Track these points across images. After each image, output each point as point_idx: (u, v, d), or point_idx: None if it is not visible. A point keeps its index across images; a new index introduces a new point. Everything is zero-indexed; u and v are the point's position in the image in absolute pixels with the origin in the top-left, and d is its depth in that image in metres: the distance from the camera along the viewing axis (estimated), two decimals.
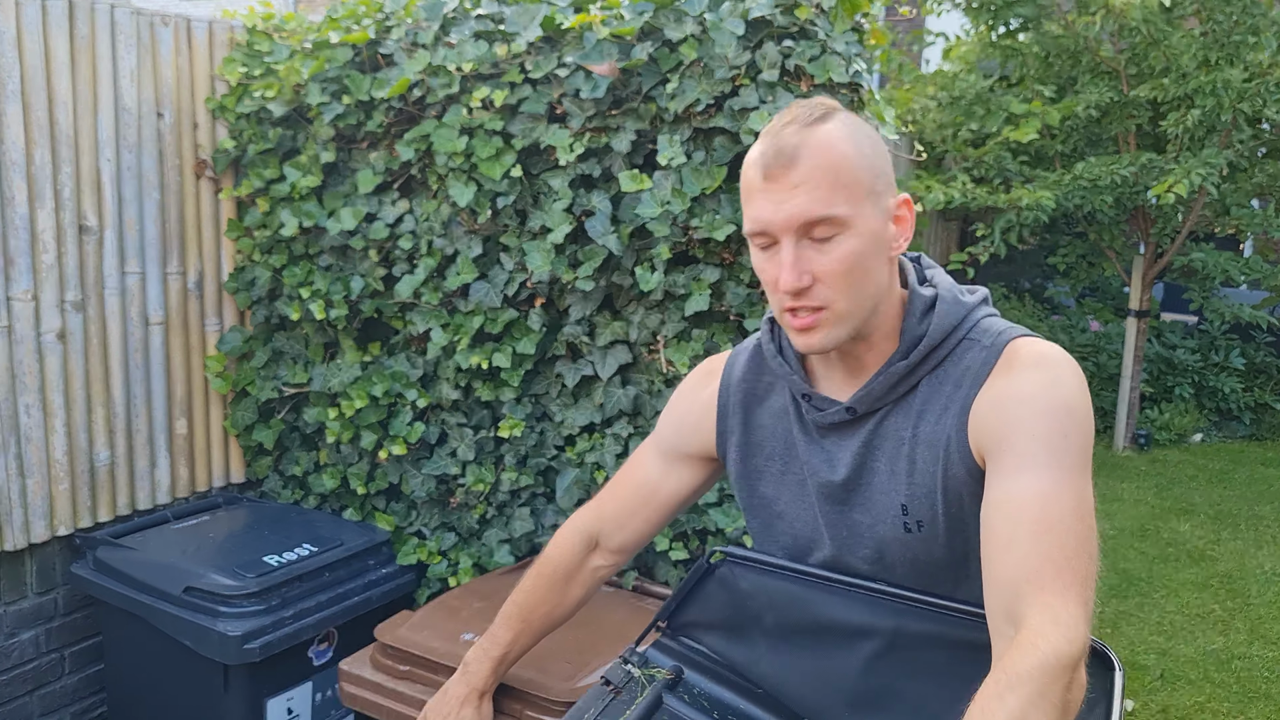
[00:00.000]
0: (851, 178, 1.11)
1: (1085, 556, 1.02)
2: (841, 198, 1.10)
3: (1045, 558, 1.01)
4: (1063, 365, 1.11)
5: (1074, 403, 1.09)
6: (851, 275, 1.12)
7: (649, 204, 2.14)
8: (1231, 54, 5.10)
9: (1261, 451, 6.33)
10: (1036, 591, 0.99)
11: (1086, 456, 1.08)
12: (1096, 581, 1.03)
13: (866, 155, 1.12)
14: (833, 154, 1.10)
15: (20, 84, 2.26)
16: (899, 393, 1.18)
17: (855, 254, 1.11)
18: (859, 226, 1.11)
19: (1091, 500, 1.06)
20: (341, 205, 2.56)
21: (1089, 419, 1.10)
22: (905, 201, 1.15)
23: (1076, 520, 1.03)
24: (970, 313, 1.18)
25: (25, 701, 2.45)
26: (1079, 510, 1.04)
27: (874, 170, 1.13)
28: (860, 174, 1.11)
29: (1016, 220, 5.29)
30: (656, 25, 2.14)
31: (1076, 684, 0.97)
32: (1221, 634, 3.77)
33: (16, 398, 2.32)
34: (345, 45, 2.48)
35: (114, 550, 2.35)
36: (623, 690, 1.27)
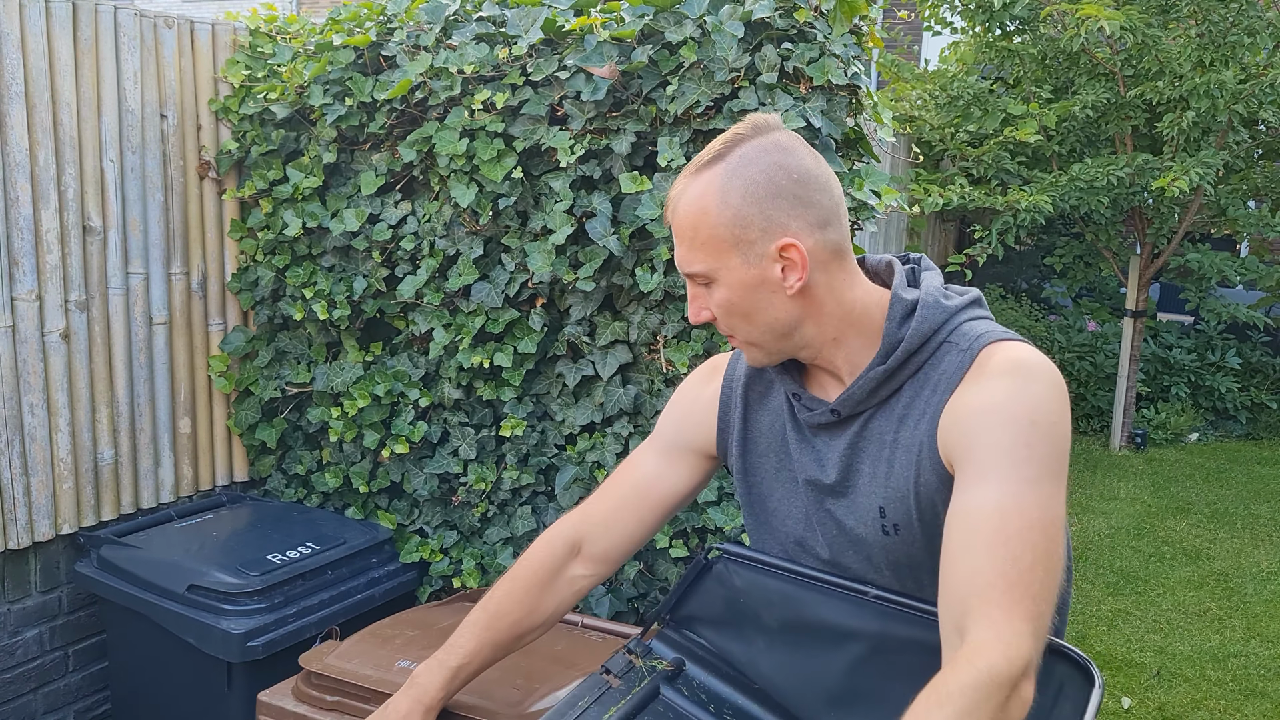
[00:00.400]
0: (709, 234, 1.14)
1: (1041, 571, 1.00)
2: (700, 256, 1.15)
3: (997, 572, 0.99)
4: (1034, 372, 1.09)
5: (1040, 412, 1.06)
6: (732, 316, 1.18)
7: (649, 205, 2.16)
8: (1227, 55, 5.12)
9: (1257, 450, 6.36)
10: (983, 605, 0.99)
11: (1053, 467, 1.06)
12: (1066, 593, 1.02)
13: (733, 206, 1.13)
14: (693, 211, 1.15)
15: (24, 85, 2.27)
16: (881, 396, 1.18)
17: (728, 301, 1.17)
18: (724, 278, 1.15)
19: (1057, 512, 1.04)
20: (344, 206, 2.58)
21: (1058, 428, 1.07)
22: (786, 246, 1.12)
23: (1036, 533, 1.01)
24: (952, 316, 1.16)
25: (29, 699, 2.47)
26: (1040, 523, 1.02)
27: (740, 221, 1.12)
28: (719, 230, 1.13)
29: (1014, 222, 5.32)
30: (656, 28, 2.16)
31: (1017, 702, 0.96)
32: (1218, 632, 3.80)
33: (21, 397, 2.34)
34: (347, 47, 2.50)
35: (118, 549, 2.36)
36: (621, 679, 1.28)
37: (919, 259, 1.26)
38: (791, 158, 1.14)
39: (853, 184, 2.13)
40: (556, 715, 1.23)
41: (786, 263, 1.14)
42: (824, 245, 1.15)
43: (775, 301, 1.16)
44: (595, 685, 1.28)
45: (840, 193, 1.18)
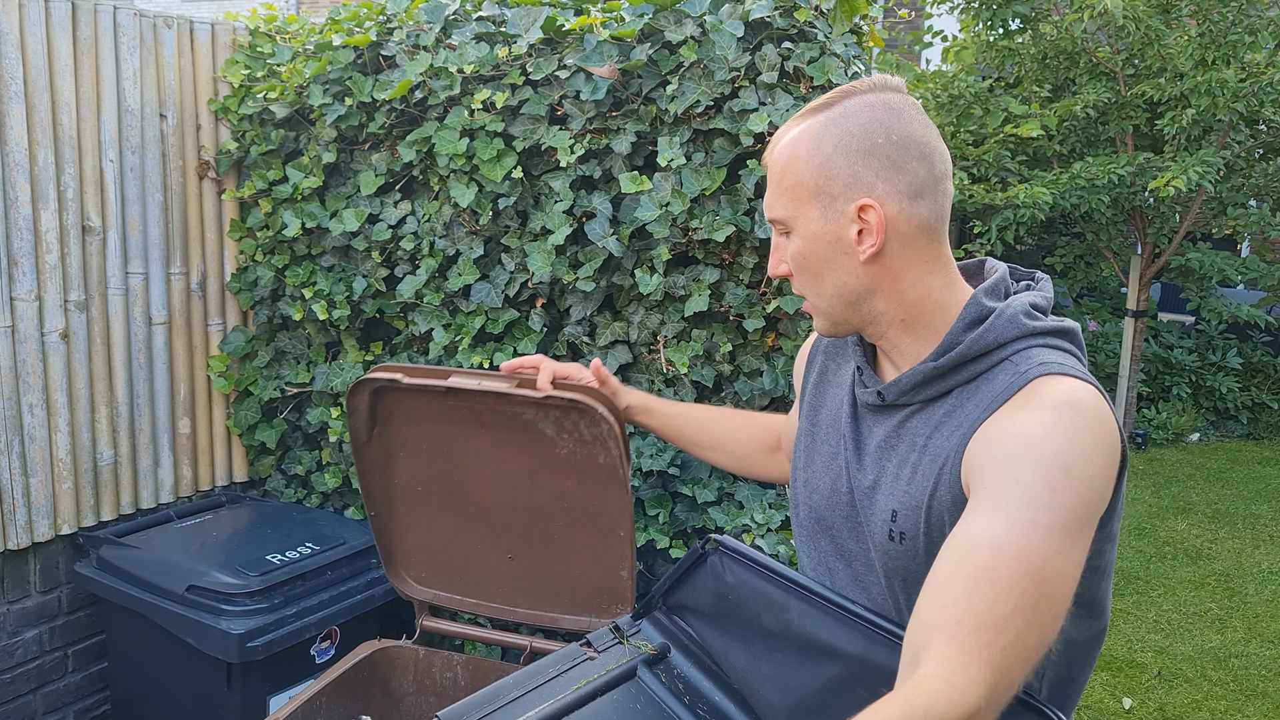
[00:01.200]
0: (794, 180, 1.10)
1: (1022, 622, 0.91)
2: (782, 201, 1.12)
3: (970, 610, 0.91)
4: (1085, 416, 1.00)
5: (1078, 459, 0.98)
6: (804, 274, 1.14)
7: (649, 205, 2.15)
8: (1228, 54, 5.12)
9: (1259, 450, 6.35)
10: (944, 641, 0.91)
11: (1075, 521, 0.96)
12: (1046, 653, 0.94)
13: (823, 155, 1.09)
14: (785, 155, 1.11)
15: (23, 85, 2.27)
16: (926, 394, 1.12)
17: (800, 255, 1.13)
18: (800, 228, 1.11)
19: (1063, 569, 0.95)
20: (344, 206, 2.57)
21: (1095, 482, 0.98)
22: (865, 207, 1.07)
23: (1029, 582, 0.92)
24: (1026, 336, 1.08)
25: (29, 699, 2.47)
26: (1038, 573, 0.93)
27: (826, 172, 1.09)
28: (804, 176, 1.10)
29: (1014, 218, 5.31)
30: (656, 27, 2.15)
31: None
32: (1219, 632, 3.79)
33: (20, 397, 2.34)
34: (347, 47, 2.50)
35: (117, 549, 2.36)
36: (600, 654, 1.26)
37: (1033, 274, 1.20)
38: (897, 119, 1.09)
39: None
40: (523, 676, 1.21)
41: (863, 225, 1.08)
42: (910, 217, 1.08)
43: (846, 265, 1.11)
44: (571, 655, 1.26)
45: (945, 169, 1.11)
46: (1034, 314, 1.10)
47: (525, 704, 1.19)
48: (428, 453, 1.96)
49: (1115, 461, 1.02)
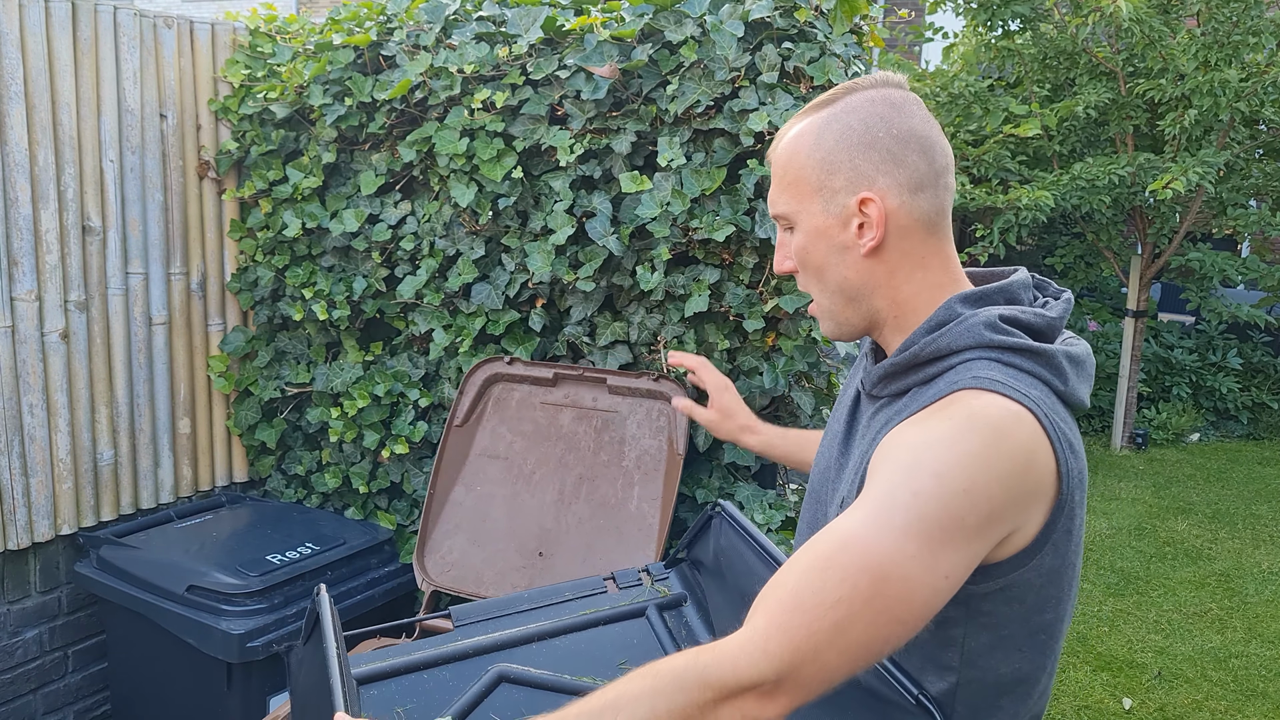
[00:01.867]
0: (797, 174, 1.11)
1: (844, 614, 0.89)
2: (785, 196, 1.13)
3: (795, 590, 0.91)
4: (984, 433, 0.96)
5: (953, 469, 0.93)
6: (807, 270, 1.14)
7: (649, 205, 2.15)
8: (1230, 54, 5.12)
9: (1259, 450, 6.35)
10: (761, 613, 0.92)
11: (942, 530, 0.92)
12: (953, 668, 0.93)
13: (824, 149, 1.09)
14: (788, 150, 1.12)
15: (24, 85, 2.27)
16: (890, 390, 1.12)
17: (803, 249, 1.13)
18: (803, 223, 1.12)
19: (918, 574, 0.91)
20: (344, 206, 2.57)
21: (973, 495, 0.93)
22: (866, 200, 1.08)
23: (864, 580, 0.90)
24: (981, 347, 1.05)
25: (29, 700, 2.47)
26: (879, 571, 0.90)
27: (828, 166, 1.09)
28: (807, 171, 1.10)
29: (1015, 220, 5.31)
30: (657, 27, 2.15)
31: (723, 713, 0.90)
32: (1219, 632, 3.79)
33: (20, 397, 2.33)
34: (347, 47, 2.50)
35: (117, 549, 2.36)
36: (620, 590, 1.31)
37: (1060, 292, 1.17)
38: (898, 114, 1.09)
39: None
40: (540, 595, 1.27)
41: (864, 219, 1.09)
42: (910, 210, 1.08)
43: (848, 259, 1.11)
44: (591, 585, 1.32)
45: (946, 163, 1.11)
46: (1000, 327, 1.05)
47: (532, 616, 1.23)
48: (504, 451, 2.23)
49: (1022, 491, 0.96)
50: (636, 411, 2.21)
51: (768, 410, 2.23)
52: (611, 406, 2.23)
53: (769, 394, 2.21)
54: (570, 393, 2.28)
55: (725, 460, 2.23)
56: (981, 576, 0.99)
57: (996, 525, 0.95)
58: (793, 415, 2.23)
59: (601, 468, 2.18)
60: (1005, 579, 1.00)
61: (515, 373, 2.29)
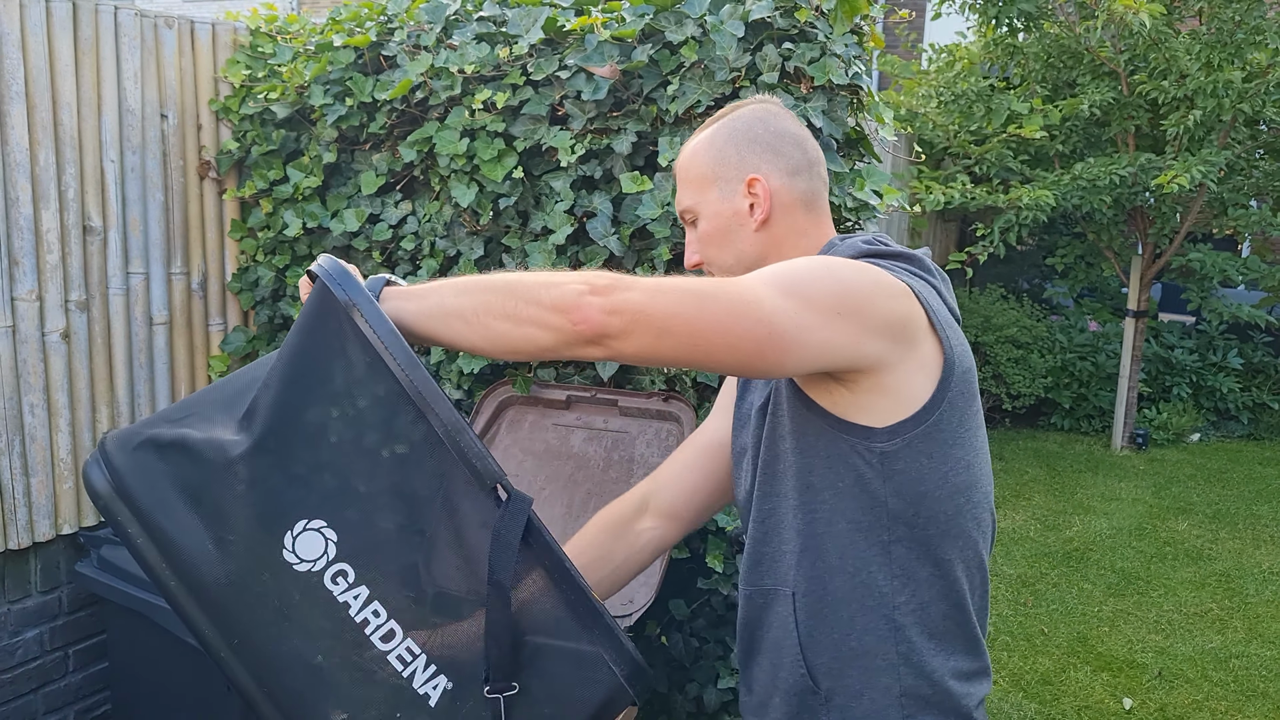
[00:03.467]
0: (697, 172, 1.33)
1: (678, 293, 1.05)
2: (688, 192, 1.34)
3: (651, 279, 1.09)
4: (859, 264, 1.17)
5: (822, 262, 1.17)
6: (709, 247, 1.35)
7: (650, 205, 2.15)
8: (1233, 54, 5.11)
9: (1259, 451, 6.35)
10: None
11: (802, 290, 1.09)
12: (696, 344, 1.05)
13: (716, 148, 1.32)
14: (687, 154, 1.35)
15: (24, 85, 2.27)
16: None
17: (707, 233, 1.34)
18: (704, 210, 1.33)
19: (768, 300, 1.06)
20: (344, 206, 2.57)
21: (846, 280, 1.12)
22: (753, 180, 1.29)
23: (711, 286, 1.07)
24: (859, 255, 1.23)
25: (30, 699, 2.47)
26: (724, 286, 1.07)
27: (720, 160, 1.31)
28: (703, 167, 1.32)
29: (1016, 220, 5.31)
30: (657, 27, 2.15)
31: (568, 294, 1.05)
32: (1219, 633, 3.79)
33: (21, 397, 2.34)
34: (348, 47, 2.50)
35: (118, 549, 2.36)
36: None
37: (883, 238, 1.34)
38: (774, 119, 1.33)
39: (854, 184, 2.13)
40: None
41: (754, 198, 1.30)
42: (790, 190, 1.31)
43: (743, 234, 1.31)
44: None
45: (817, 156, 1.34)
46: (874, 239, 1.27)
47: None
48: (515, 470, 2.27)
49: (890, 310, 1.13)
50: (646, 432, 2.24)
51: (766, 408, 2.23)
52: (622, 428, 2.26)
53: None
54: (582, 415, 2.31)
55: None
56: (889, 435, 1.15)
57: (862, 319, 1.10)
58: None
59: (610, 484, 2.21)
60: (911, 434, 1.15)
61: (529, 396, 2.34)
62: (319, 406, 1.09)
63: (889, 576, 1.18)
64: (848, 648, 1.20)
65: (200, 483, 1.07)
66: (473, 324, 1.08)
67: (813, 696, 1.22)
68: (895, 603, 1.19)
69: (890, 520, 1.17)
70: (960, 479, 1.19)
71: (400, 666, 1.08)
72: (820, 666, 1.21)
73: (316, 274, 1.10)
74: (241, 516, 1.07)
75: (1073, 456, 6.10)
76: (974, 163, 5.73)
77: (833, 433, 1.17)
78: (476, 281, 1.11)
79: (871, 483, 1.16)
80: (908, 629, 1.19)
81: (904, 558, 1.18)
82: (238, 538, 1.07)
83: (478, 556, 1.09)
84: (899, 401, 1.14)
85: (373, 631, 1.08)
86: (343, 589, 1.08)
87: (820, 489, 1.20)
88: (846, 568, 1.19)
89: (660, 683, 2.33)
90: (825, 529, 1.20)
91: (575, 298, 1.05)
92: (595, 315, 1.04)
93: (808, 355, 1.08)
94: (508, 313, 1.07)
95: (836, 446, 1.17)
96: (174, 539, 1.06)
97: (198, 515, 1.07)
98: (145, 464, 1.08)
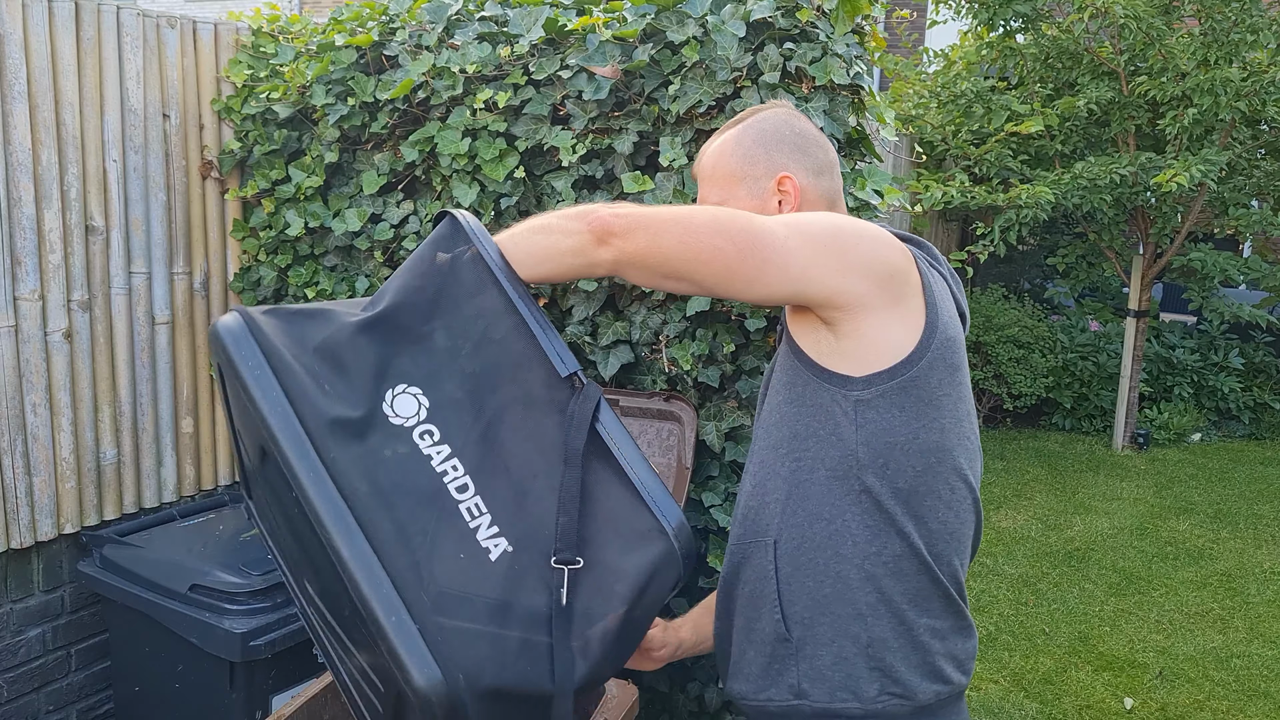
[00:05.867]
0: (725, 170, 1.38)
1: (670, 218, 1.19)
2: (715, 189, 1.39)
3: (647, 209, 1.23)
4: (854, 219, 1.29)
5: (845, 220, 1.24)
6: None
7: (651, 205, 2.15)
8: (1230, 53, 5.11)
9: (1260, 451, 6.35)
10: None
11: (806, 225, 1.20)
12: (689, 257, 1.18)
13: (745, 147, 1.37)
14: (714, 154, 1.40)
15: (27, 85, 2.27)
16: None
17: None
18: (732, 208, 1.35)
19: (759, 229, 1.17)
20: (346, 206, 2.58)
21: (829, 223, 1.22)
22: (783, 178, 1.35)
23: (706, 215, 1.19)
24: None
25: (32, 698, 2.47)
26: (718, 213, 1.20)
27: (749, 159, 1.37)
28: (732, 165, 1.37)
29: (1016, 219, 5.31)
30: (659, 27, 2.15)
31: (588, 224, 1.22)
32: (1220, 632, 3.79)
33: (24, 396, 2.34)
34: (350, 47, 2.50)
35: (120, 548, 2.36)
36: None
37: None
38: (797, 121, 1.40)
39: (855, 184, 2.13)
40: None
41: (783, 195, 1.35)
42: (816, 189, 1.36)
43: None
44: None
45: (835, 158, 1.41)
46: (886, 228, 1.31)
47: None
48: None
49: (882, 259, 1.21)
50: (647, 431, 2.23)
51: None
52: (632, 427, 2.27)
53: None
54: None
55: (728, 459, 2.24)
56: (864, 384, 1.22)
57: (847, 255, 1.19)
58: None
59: None
60: (885, 385, 1.21)
61: None
62: (430, 296, 1.31)
63: (862, 526, 1.23)
64: (821, 594, 1.24)
65: (325, 339, 1.27)
66: (520, 244, 1.28)
67: (784, 645, 1.26)
68: (867, 552, 1.23)
69: (859, 468, 1.22)
70: (931, 439, 1.23)
71: (469, 518, 1.22)
72: (794, 615, 1.26)
73: (449, 211, 1.36)
74: (355, 370, 1.25)
75: (1074, 456, 6.11)
76: (973, 163, 5.73)
77: (817, 381, 1.24)
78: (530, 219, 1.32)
79: (845, 430, 1.22)
80: (880, 579, 1.23)
81: (872, 509, 1.23)
82: (348, 389, 1.24)
83: (551, 436, 1.25)
84: (878, 352, 1.21)
85: (450, 481, 1.23)
86: (428, 444, 1.24)
87: (805, 437, 1.26)
88: (824, 514, 1.25)
89: (662, 682, 2.33)
90: (808, 476, 1.26)
91: (592, 209, 1.22)
92: (604, 215, 1.20)
93: (788, 276, 1.16)
94: (542, 225, 1.27)
95: (819, 395, 1.24)
96: (294, 376, 1.23)
97: (318, 364, 1.24)
98: (278, 320, 1.28)
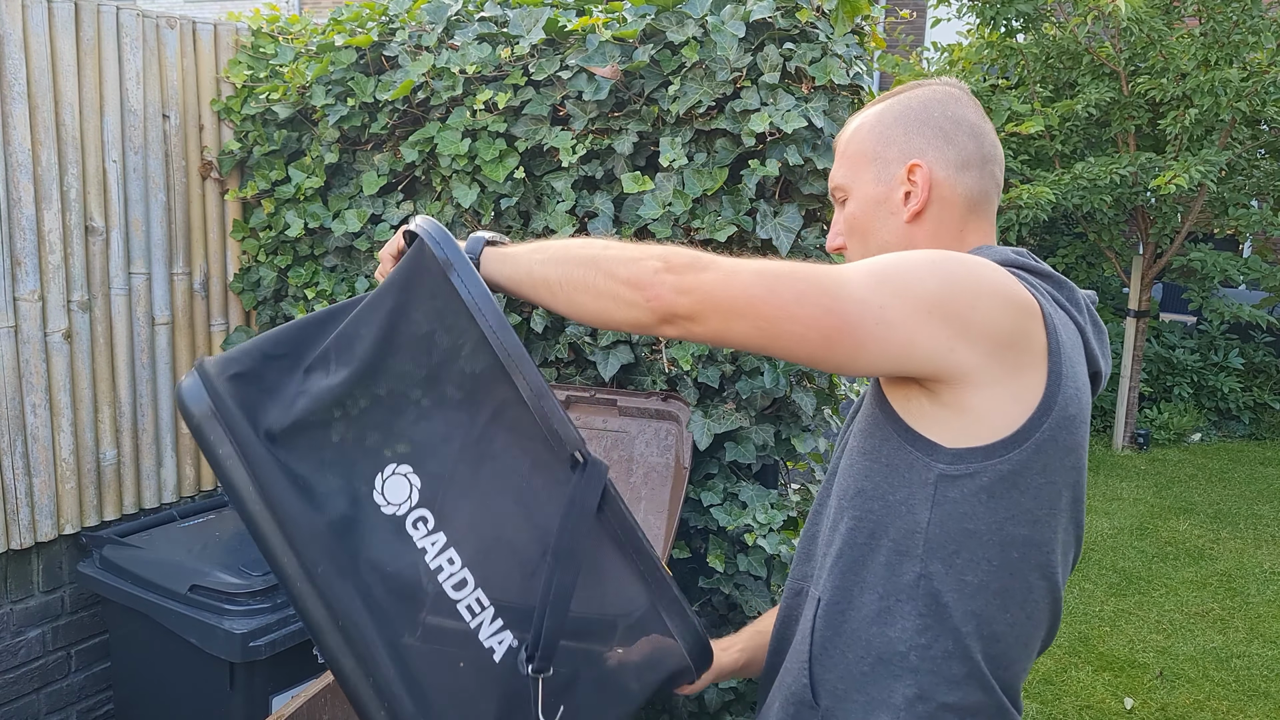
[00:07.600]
0: (857, 147, 1.20)
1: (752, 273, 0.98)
2: (844, 167, 1.22)
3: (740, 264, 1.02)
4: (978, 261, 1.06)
5: (945, 258, 1.02)
6: (853, 236, 1.21)
7: (651, 205, 2.15)
8: (1230, 54, 5.12)
9: (1260, 451, 6.35)
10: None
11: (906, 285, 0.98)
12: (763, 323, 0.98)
13: (884, 124, 1.19)
14: (853, 128, 1.22)
15: (26, 85, 2.27)
16: None
17: (853, 216, 1.21)
18: (856, 192, 1.20)
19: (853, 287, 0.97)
20: (346, 207, 2.58)
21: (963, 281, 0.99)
22: (913, 167, 1.16)
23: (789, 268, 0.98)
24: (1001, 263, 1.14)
25: (32, 699, 2.47)
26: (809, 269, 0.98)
27: (884, 139, 1.18)
28: (865, 143, 1.19)
29: (1016, 219, 5.31)
30: (658, 28, 2.15)
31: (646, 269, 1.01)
32: (1220, 632, 3.79)
33: (23, 397, 2.34)
34: (350, 48, 2.50)
35: (120, 549, 2.36)
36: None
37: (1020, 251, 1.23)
38: (953, 103, 1.19)
39: None
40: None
41: (911, 186, 1.16)
42: (954, 185, 1.16)
43: (891, 224, 1.18)
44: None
45: (993, 153, 1.19)
46: (1024, 253, 1.13)
47: None
48: None
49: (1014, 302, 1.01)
50: (645, 431, 2.24)
51: (769, 411, 2.23)
52: (621, 427, 2.26)
53: (770, 394, 2.21)
54: (582, 415, 2.31)
55: (727, 459, 2.24)
56: (953, 458, 1.02)
57: (959, 324, 0.98)
58: (794, 415, 2.23)
59: None
60: (977, 465, 1.02)
61: None
62: (411, 359, 1.11)
63: (914, 614, 1.05)
64: (859, 671, 1.09)
65: (298, 419, 1.10)
66: (558, 294, 1.08)
67: (810, 711, 1.12)
68: (915, 643, 1.05)
69: (925, 551, 1.04)
70: (1019, 533, 1.03)
71: (469, 616, 1.10)
72: (825, 683, 1.11)
73: (416, 233, 1.11)
74: (335, 456, 1.10)
75: None
76: None
77: (898, 440, 1.06)
78: (567, 250, 1.09)
79: (919, 504, 1.04)
80: (922, 675, 1.05)
81: (929, 600, 1.05)
82: (330, 476, 1.10)
83: (550, 521, 1.11)
84: (978, 426, 1.01)
85: (446, 579, 1.10)
86: (422, 534, 1.10)
87: (872, 497, 1.08)
88: (878, 587, 1.08)
89: None
90: (867, 540, 1.09)
91: (650, 275, 1.01)
92: (666, 294, 1.00)
93: (887, 354, 0.98)
94: (588, 285, 1.05)
95: (898, 456, 1.06)
96: (266, 468, 1.08)
97: (293, 448, 1.09)
98: (244, 391, 1.10)
